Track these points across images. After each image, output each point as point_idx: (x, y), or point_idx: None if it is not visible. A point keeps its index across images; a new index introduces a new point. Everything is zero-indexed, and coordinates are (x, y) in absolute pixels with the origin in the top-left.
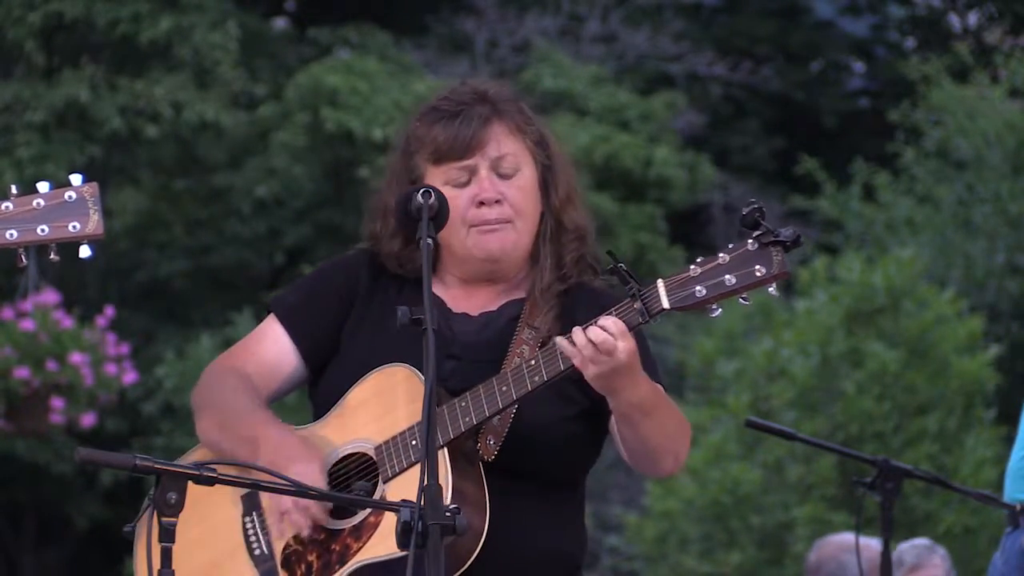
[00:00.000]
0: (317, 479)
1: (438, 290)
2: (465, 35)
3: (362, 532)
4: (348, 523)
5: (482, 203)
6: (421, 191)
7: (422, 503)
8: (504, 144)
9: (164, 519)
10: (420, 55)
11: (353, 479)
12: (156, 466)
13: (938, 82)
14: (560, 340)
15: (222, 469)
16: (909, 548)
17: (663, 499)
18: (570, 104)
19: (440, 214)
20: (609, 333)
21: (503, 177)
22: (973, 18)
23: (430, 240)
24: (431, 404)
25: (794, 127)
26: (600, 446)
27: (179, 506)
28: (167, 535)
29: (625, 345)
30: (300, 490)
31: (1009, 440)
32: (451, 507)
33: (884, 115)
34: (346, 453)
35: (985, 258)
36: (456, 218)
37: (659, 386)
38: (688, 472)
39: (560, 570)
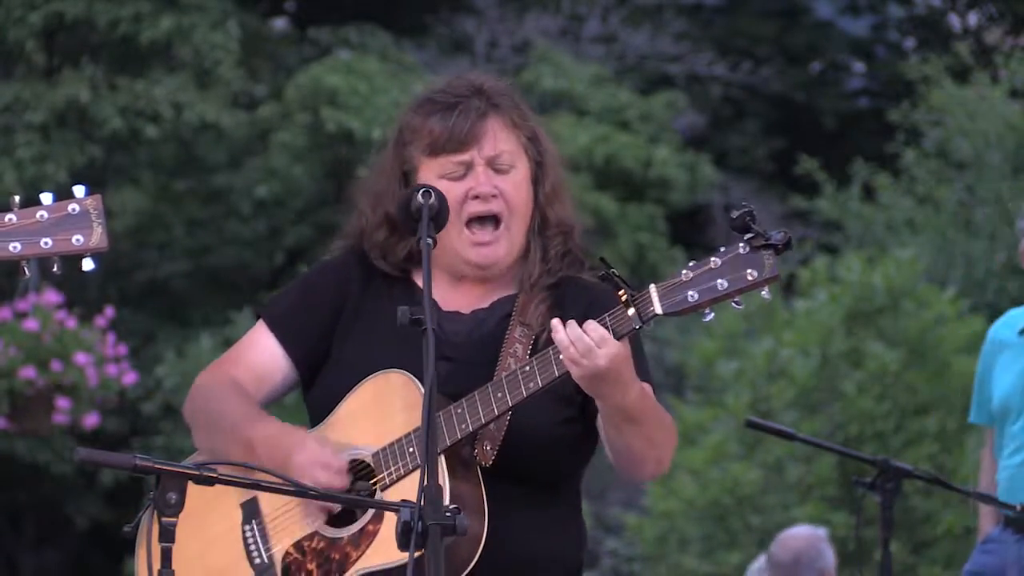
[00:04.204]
0: (318, 451)
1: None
2: (465, 35)
3: (361, 540)
4: (347, 531)
5: (476, 196)
6: (421, 191)
7: (422, 503)
8: (500, 139)
9: (164, 519)
10: (420, 55)
11: (351, 486)
12: (156, 466)
13: (938, 82)
14: (555, 322)
15: (223, 469)
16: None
17: (663, 499)
18: (570, 104)
19: (440, 214)
20: (590, 337)
21: (498, 172)
22: (973, 18)
23: (430, 240)
24: (431, 405)
25: (794, 127)
26: (595, 443)
27: (179, 506)
28: (167, 535)
29: (606, 351)
30: (300, 490)
31: None
32: (451, 507)
33: (884, 115)
34: (347, 459)
35: (985, 258)
36: (451, 211)
37: (648, 388)
38: (688, 472)
39: (561, 572)
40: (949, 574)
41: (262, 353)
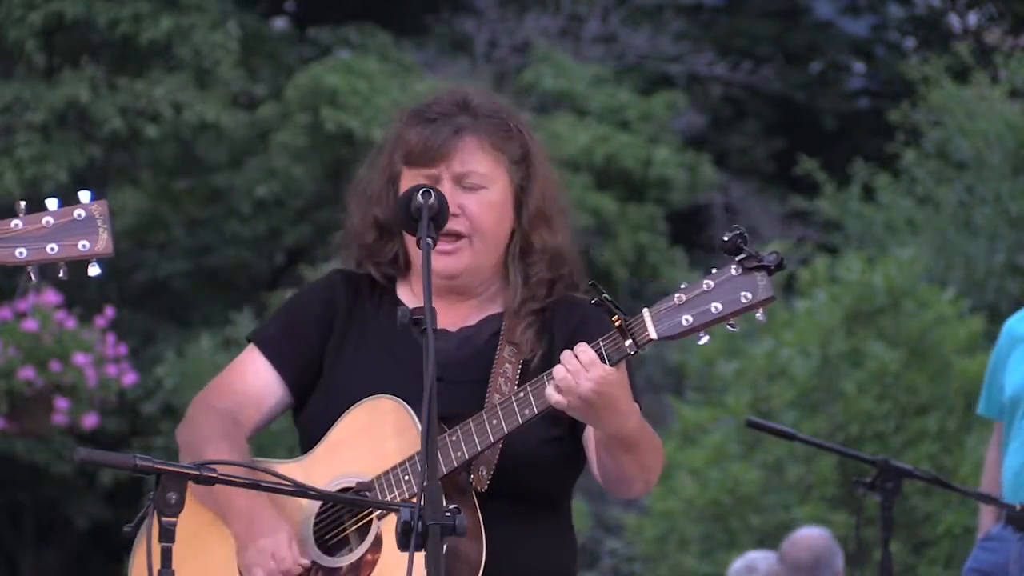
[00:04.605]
0: (283, 549)
1: (412, 303)
2: (465, 35)
3: (360, 570)
4: (346, 560)
5: None
6: (421, 191)
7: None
8: (471, 159)
9: (164, 519)
10: (420, 55)
11: (345, 516)
12: (156, 466)
13: (938, 82)
14: (550, 391)
15: (223, 469)
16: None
17: (663, 499)
18: (570, 104)
19: (440, 214)
20: (578, 361)
21: (467, 190)
22: (973, 18)
23: (430, 240)
24: (431, 405)
25: (794, 127)
26: (585, 459)
27: (179, 506)
28: (167, 535)
29: (593, 374)
30: (300, 490)
31: None
32: (451, 507)
33: (884, 115)
34: (338, 488)
35: (985, 258)
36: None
37: (639, 414)
38: (688, 472)
39: None
40: (949, 574)
41: (255, 379)
